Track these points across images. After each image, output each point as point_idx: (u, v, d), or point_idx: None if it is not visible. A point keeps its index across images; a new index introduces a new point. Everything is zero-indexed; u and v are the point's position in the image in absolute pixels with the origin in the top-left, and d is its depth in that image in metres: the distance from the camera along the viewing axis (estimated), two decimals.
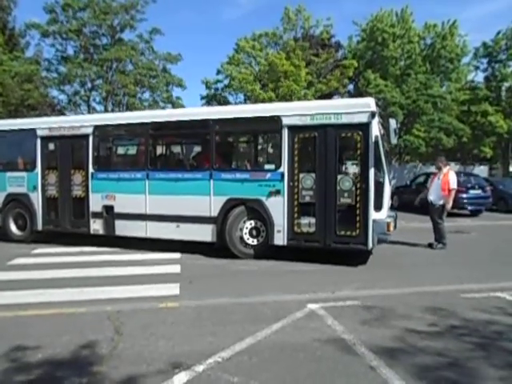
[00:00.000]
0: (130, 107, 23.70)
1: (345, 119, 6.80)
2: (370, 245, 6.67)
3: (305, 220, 7.11)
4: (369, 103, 6.76)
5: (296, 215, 7.13)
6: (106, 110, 23.53)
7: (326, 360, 3.44)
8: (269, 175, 7.30)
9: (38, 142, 9.16)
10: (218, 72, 26.73)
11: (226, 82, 26.57)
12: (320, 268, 6.88)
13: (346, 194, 6.79)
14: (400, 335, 3.95)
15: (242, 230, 7.57)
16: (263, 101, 24.25)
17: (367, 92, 25.99)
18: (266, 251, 7.44)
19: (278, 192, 7.18)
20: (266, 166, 7.64)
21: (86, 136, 8.68)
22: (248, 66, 25.64)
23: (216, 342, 3.75)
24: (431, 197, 8.75)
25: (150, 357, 3.47)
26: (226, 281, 6.07)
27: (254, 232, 7.57)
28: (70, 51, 24.74)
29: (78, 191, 8.83)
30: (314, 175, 7.01)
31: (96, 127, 8.68)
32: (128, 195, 8.33)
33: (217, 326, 4.19)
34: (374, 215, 6.64)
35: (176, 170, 8.32)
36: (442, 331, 4.07)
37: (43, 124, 9.35)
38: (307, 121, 7.03)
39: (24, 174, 9.38)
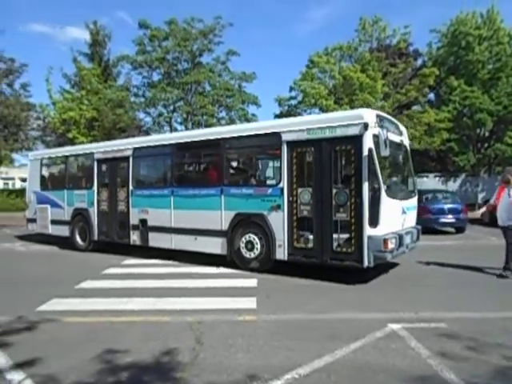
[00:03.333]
0: (208, 126, 24.84)
1: (339, 132, 6.69)
2: (366, 263, 6.35)
3: (303, 235, 7.10)
4: (361, 115, 6.59)
5: (295, 230, 7.15)
6: (186, 129, 24.89)
7: None
8: (270, 190, 7.47)
9: (95, 163, 10.53)
10: (291, 89, 27.01)
11: (300, 98, 26.73)
12: (401, 285, 6.54)
13: (341, 209, 6.63)
14: (496, 365, 3.58)
15: (246, 243, 7.77)
16: None
17: (450, 100, 24.49)
18: (269, 265, 7.54)
19: (278, 207, 7.28)
20: (268, 182, 7.89)
21: (127, 157, 9.81)
22: (321, 81, 25.56)
23: (293, 358, 3.72)
24: (503, 216, 7.24)
25: (229, 367, 3.55)
26: (303, 296, 6.01)
27: (258, 246, 7.67)
28: (155, 77, 26.72)
29: (122, 206, 9.96)
30: (311, 190, 6.99)
31: (134, 149, 9.75)
32: (158, 210, 9.15)
33: (294, 341, 4.16)
34: (368, 231, 6.32)
35: (193, 186, 8.82)
36: None
37: (98, 148, 10.80)
38: (304, 135, 7.05)
39: (85, 191, 10.76)
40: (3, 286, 6.85)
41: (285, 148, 7.26)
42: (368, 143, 6.39)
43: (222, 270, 7.89)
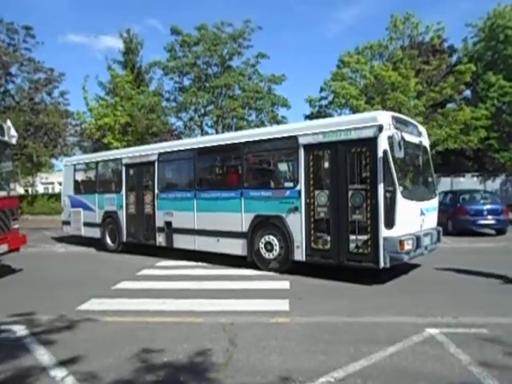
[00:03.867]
0: (238, 129, 25.03)
1: (354, 135, 6.76)
2: (382, 263, 6.38)
3: (320, 236, 7.20)
4: (376, 117, 6.63)
5: (312, 231, 7.26)
6: (216, 133, 25.18)
7: None
8: (288, 193, 7.60)
9: (123, 168, 11.01)
10: (322, 89, 26.84)
11: (330, 98, 26.50)
12: (437, 289, 6.34)
13: (357, 211, 6.68)
14: None
15: (266, 244, 7.94)
16: None
17: (488, 97, 23.58)
18: (288, 266, 7.65)
19: (296, 209, 7.40)
20: (286, 184, 7.97)
21: (153, 162, 10.18)
22: (352, 81, 25.23)
23: (328, 361, 3.68)
24: None
25: (263, 369, 3.55)
26: (336, 299, 5.93)
27: (276, 247, 7.81)
28: (186, 82, 27.26)
29: (148, 209, 10.34)
30: (327, 192, 7.09)
31: (159, 154, 10.12)
32: (182, 212, 9.44)
33: (328, 344, 4.11)
34: (384, 232, 6.35)
35: (215, 189, 9.07)
36: None
37: (126, 154, 11.29)
38: (320, 139, 7.15)
39: (114, 195, 11.26)
40: (45, 286, 7.16)
41: (302, 151, 7.39)
42: (383, 145, 6.43)
43: (255, 272, 7.91)
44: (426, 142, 8.20)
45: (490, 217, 13.29)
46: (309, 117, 28.11)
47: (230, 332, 4.51)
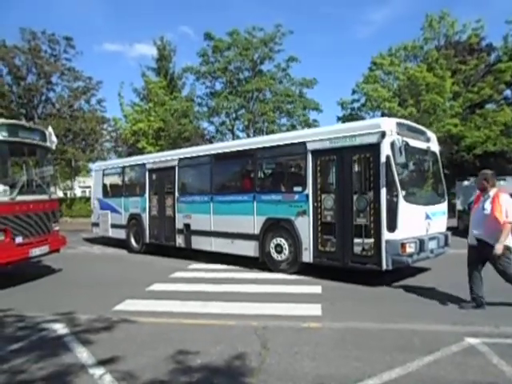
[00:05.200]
0: (269, 133, 25.09)
1: (358, 141, 6.99)
2: (384, 266, 6.54)
3: (327, 239, 7.46)
4: (379, 124, 6.85)
5: (319, 234, 7.53)
6: (248, 137, 25.33)
7: None
8: (296, 197, 7.87)
9: (147, 173, 11.55)
10: (354, 92, 26.50)
11: (363, 101, 26.12)
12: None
13: (361, 214, 6.90)
14: None
15: (276, 246, 8.27)
16: (402, 117, 23.10)
17: None
18: (296, 267, 7.95)
19: (304, 212, 7.69)
20: (295, 188, 8.05)
21: (174, 167, 10.68)
22: (385, 83, 24.76)
23: (362, 368, 3.62)
24: (474, 231, 5.66)
25: (295, 375, 3.53)
26: (369, 304, 5.81)
27: (286, 249, 8.13)
28: (218, 87, 27.60)
29: (169, 212, 10.82)
30: (333, 196, 7.34)
31: (179, 160, 10.59)
32: (199, 215, 9.88)
33: (362, 350, 4.03)
34: (387, 235, 6.53)
35: (230, 193, 9.51)
36: None
37: (150, 159, 11.82)
38: (326, 144, 7.44)
39: (138, 198, 11.81)
40: (82, 286, 7.43)
41: (310, 156, 7.68)
42: (385, 151, 6.63)
43: (288, 276, 7.89)
44: (435, 148, 8.35)
45: None
46: (341, 119, 27.81)
47: (261, 336, 4.50)
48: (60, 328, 4.89)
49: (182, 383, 3.43)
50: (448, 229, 14.56)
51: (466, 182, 22.82)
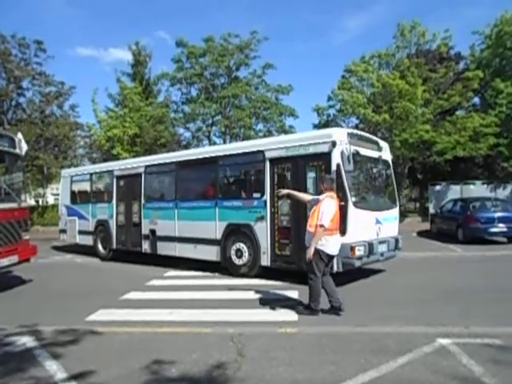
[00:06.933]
0: (245, 139, 25.14)
1: (311, 150, 7.40)
2: (335, 268, 6.70)
3: (283, 243, 7.80)
4: (330, 134, 7.24)
5: (276, 239, 7.88)
6: (224, 143, 25.31)
7: None
8: (256, 203, 8.20)
9: (114, 180, 11.71)
10: (329, 98, 26.88)
11: (338, 107, 26.53)
12: (447, 298, 6.25)
13: None
14: None
15: (236, 251, 8.51)
16: (376, 124, 23.59)
17: (497, 103, 23.43)
18: (256, 271, 8.23)
19: (262, 218, 8.03)
20: (254, 195, 8.36)
21: (140, 174, 10.88)
22: (359, 90, 25.25)
23: (337, 372, 3.64)
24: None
25: (272, 380, 3.52)
26: (345, 308, 5.86)
27: (246, 253, 8.37)
28: (193, 93, 27.52)
29: (135, 218, 11.01)
30: (289, 202, 7.57)
31: (146, 167, 10.83)
32: (165, 221, 10.10)
33: (337, 354, 4.06)
34: None
35: (193, 199, 9.73)
36: None
37: (117, 166, 12.01)
38: (283, 153, 7.83)
39: (106, 204, 11.93)
40: (53, 297, 7.21)
41: (267, 164, 8.06)
42: (336, 159, 6.99)
43: (264, 281, 7.88)
44: (387, 156, 8.76)
45: (501, 224, 13.10)
46: (317, 126, 28.14)
47: (238, 342, 4.47)
48: (28, 341, 4.71)
49: None
50: (421, 232, 14.97)
51: (437, 187, 23.54)
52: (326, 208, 5.36)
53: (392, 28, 26.05)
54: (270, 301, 6.39)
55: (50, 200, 49.13)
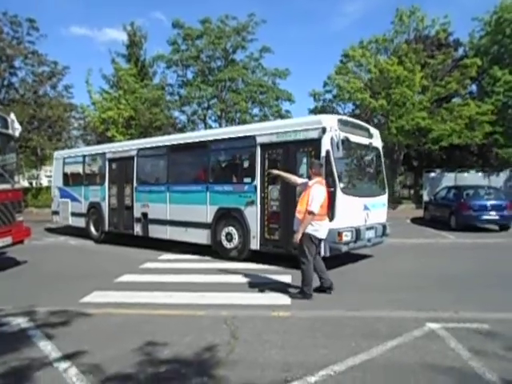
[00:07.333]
0: (241, 123, 24.99)
1: (302, 136, 7.47)
2: (322, 252, 6.69)
3: (272, 227, 7.92)
4: (320, 120, 7.32)
5: (266, 223, 8.00)
6: (220, 127, 25.15)
7: None
8: (246, 187, 8.30)
9: (107, 162, 11.69)
10: (325, 84, 26.66)
11: (335, 92, 26.34)
12: (439, 284, 6.35)
13: None
14: None
15: (226, 234, 8.66)
16: (373, 110, 23.48)
17: (494, 91, 23.38)
18: (245, 254, 8.36)
19: (252, 202, 8.13)
20: (245, 180, 8.46)
21: (133, 157, 10.86)
22: (357, 75, 25.06)
23: (328, 355, 3.70)
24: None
25: (264, 363, 3.58)
26: (337, 293, 5.93)
27: (236, 237, 8.52)
28: (189, 76, 27.18)
29: (127, 201, 11.06)
30: (278, 187, 7.73)
31: (138, 150, 10.82)
32: (156, 204, 10.18)
33: (329, 338, 4.13)
34: None
35: (185, 183, 9.75)
36: None
37: (110, 149, 11.96)
38: (274, 138, 7.89)
39: (98, 187, 11.95)
40: (48, 279, 7.23)
41: (258, 149, 8.10)
42: (326, 145, 7.06)
43: (258, 265, 7.94)
44: (378, 143, 8.79)
45: (493, 212, 13.25)
46: (313, 111, 27.97)
47: (231, 325, 4.53)
48: (23, 321, 4.74)
49: (150, 375, 3.40)
50: (415, 219, 15.06)
51: (432, 174, 23.64)
52: (316, 194, 5.43)
53: (391, 12, 25.57)
54: (263, 284, 6.44)
55: (44, 182, 48.86)
